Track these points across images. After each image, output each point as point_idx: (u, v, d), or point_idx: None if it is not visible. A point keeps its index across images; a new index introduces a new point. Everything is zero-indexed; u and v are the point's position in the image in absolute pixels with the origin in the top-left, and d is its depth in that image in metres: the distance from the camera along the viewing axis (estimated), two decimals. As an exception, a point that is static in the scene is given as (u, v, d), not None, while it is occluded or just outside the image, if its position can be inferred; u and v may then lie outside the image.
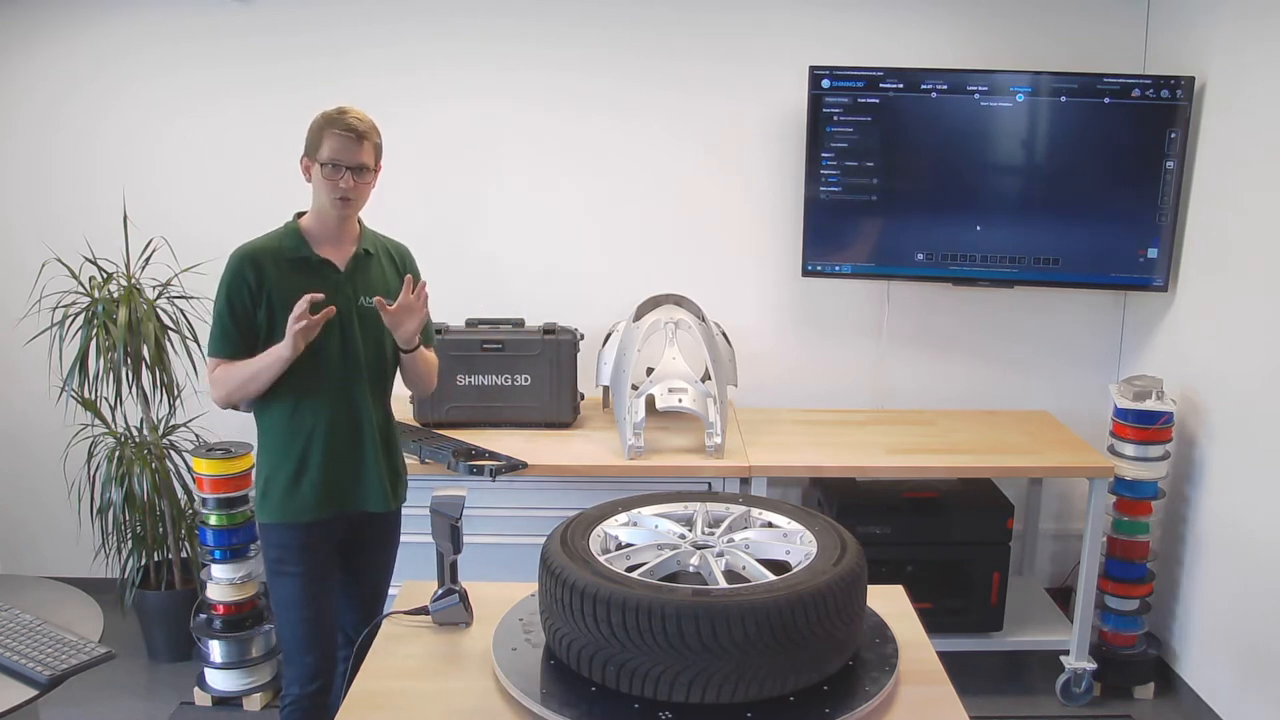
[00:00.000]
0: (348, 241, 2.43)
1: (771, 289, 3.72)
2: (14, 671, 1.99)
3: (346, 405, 2.40)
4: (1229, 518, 3.11)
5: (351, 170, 2.31)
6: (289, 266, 2.35)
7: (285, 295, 2.31)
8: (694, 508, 2.02)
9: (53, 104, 3.59)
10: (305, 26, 3.53)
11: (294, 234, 2.39)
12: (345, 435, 2.40)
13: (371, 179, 2.37)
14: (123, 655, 2.67)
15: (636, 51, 3.56)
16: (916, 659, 1.86)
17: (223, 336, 2.35)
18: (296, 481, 2.38)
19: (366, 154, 2.33)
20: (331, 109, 2.34)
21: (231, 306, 2.33)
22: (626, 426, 3.10)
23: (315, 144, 2.33)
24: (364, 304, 2.41)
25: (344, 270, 2.39)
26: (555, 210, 3.68)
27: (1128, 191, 3.36)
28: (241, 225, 3.61)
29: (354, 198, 2.35)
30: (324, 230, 2.40)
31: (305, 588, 2.40)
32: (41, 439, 3.67)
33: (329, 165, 2.30)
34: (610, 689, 1.66)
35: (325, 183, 2.32)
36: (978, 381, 3.78)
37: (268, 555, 2.44)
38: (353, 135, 2.30)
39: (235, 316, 2.33)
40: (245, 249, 2.37)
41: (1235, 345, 3.10)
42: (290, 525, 2.38)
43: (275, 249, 2.36)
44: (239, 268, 2.33)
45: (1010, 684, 3.44)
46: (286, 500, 2.38)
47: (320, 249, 2.39)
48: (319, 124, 2.33)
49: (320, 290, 2.30)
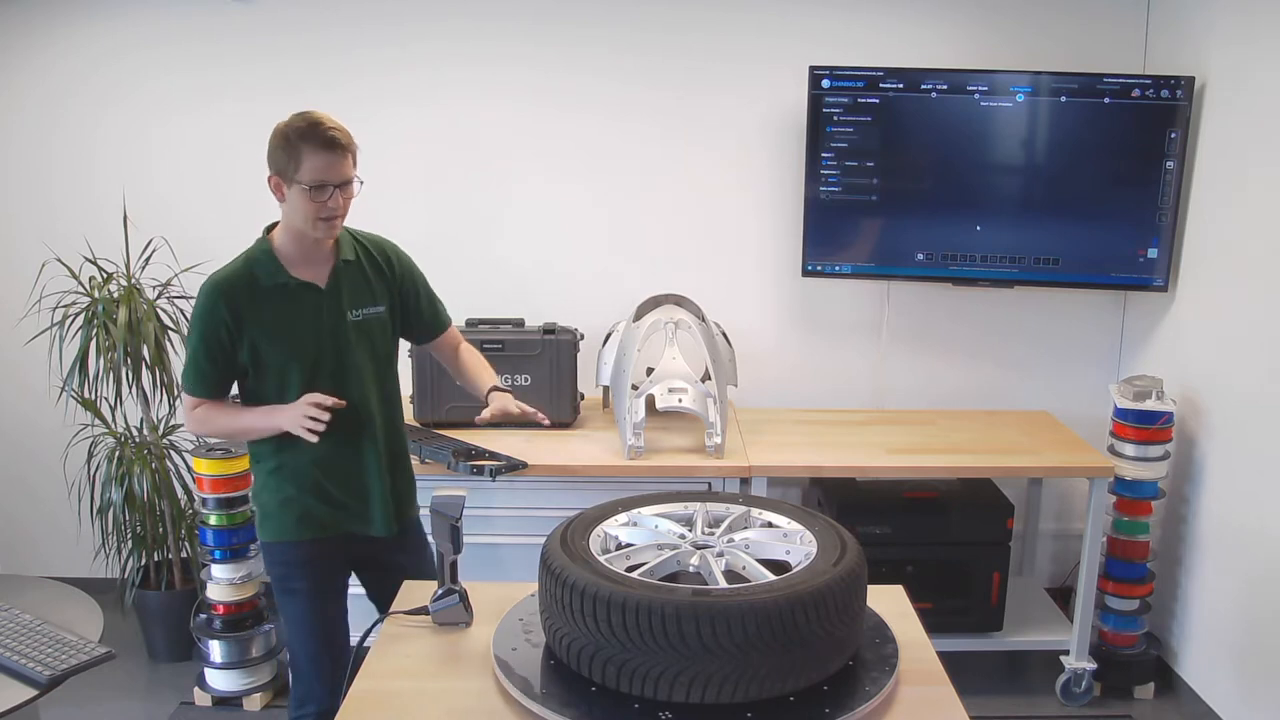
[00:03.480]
0: (325, 255, 2.24)
1: (771, 289, 3.72)
2: (14, 671, 1.99)
3: (348, 428, 2.26)
4: (1229, 518, 3.11)
5: (339, 187, 2.12)
6: (266, 296, 2.18)
7: (267, 329, 2.18)
8: (694, 508, 2.02)
9: (53, 104, 3.59)
10: (305, 26, 3.53)
11: (267, 258, 2.20)
12: (346, 457, 2.29)
13: (356, 189, 2.19)
14: (123, 655, 2.67)
15: (636, 51, 3.56)
16: (916, 659, 1.86)
17: (198, 376, 2.21)
18: (295, 503, 2.29)
19: (349, 166, 2.14)
20: (297, 119, 2.11)
21: (207, 345, 2.17)
22: (626, 426, 3.10)
23: (287, 161, 2.10)
24: (354, 318, 2.26)
25: (325, 289, 2.23)
26: (555, 210, 3.68)
27: (1128, 191, 3.36)
28: (241, 225, 3.63)
29: (343, 215, 2.17)
30: (300, 250, 2.21)
31: (311, 603, 2.33)
32: (41, 439, 3.67)
33: (313, 186, 2.09)
34: (610, 689, 1.66)
35: (310, 204, 2.11)
36: (978, 381, 3.78)
37: (272, 573, 2.35)
38: (336, 148, 2.10)
39: (211, 356, 2.18)
40: (217, 281, 2.18)
41: (1235, 345, 3.10)
42: (292, 543, 2.31)
43: (249, 277, 2.18)
44: (212, 304, 2.15)
45: (1010, 684, 3.44)
46: (286, 521, 2.30)
47: (296, 269, 2.21)
48: (289, 139, 2.09)
49: (306, 317, 2.19)
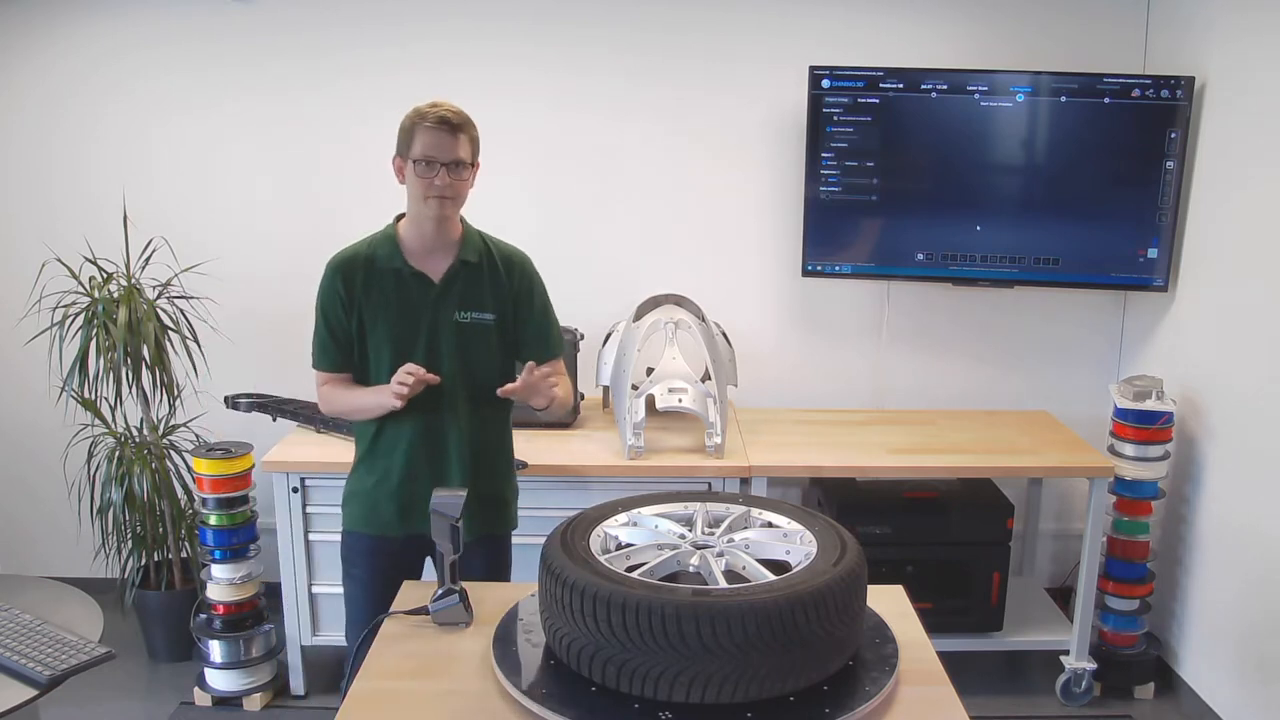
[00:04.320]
0: (446, 249, 2.29)
1: (771, 289, 3.72)
2: (14, 671, 1.99)
3: (432, 427, 2.30)
4: (1229, 518, 3.11)
5: (446, 166, 2.18)
6: (380, 278, 2.25)
7: (375, 310, 2.25)
8: (694, 508, 2.02)
9: (53, 104, 3.59)
10: (305, 26, 3.53)
11: (389, 241, 2.28)
12: (428, 457, 2.32)
13: (469, 175, 2.24)
14: (123, 655, 2.67)
15: (636, 51, 3.56)
16: (916, 659, 1.86)
17: (321, 350, 2.31)
18: (374, 496, 2.35)
19: (463, 148, 2.19)
20: (424, 103, 2.21)
21: (326, 319, 2.28)
22: (626, 426, 3.10)
23: (406, 141, 2.20)
24: (460, 319, 2.28)
25: (439, 283, 2.27)
26: (555, 210, 3.67)
27: (1128, 191, 3.36)
28: (241, 225, 3.66)
29: (451, 195, 2.21)
30: (420, 237, 2.27)
31: (367, 592, 2.37)
32: (41, 439, 3.67)
33: (422, 162, 2.17)
34: (610, 689, 1.66)
35: (419, 181, 2.19)
36: (978, 381, 3.78)
37: (341, 555, 2.43)
38: (446, 128, 2.16)
39: (331, 329, 2.28)
40: (338, 258, 2.28)
41: (1235, 345, 3.10)
42: (359, 534, 2.37)
43: (367, 258, 2.26)
44: (331, 279, 2.26)
45: (1010, 684, 3.44)
46: (361, 511, 2.37)
47: (415, 259, 2.27)
48: (410, 119, 2.20)
49: (411, 306, 2.23)
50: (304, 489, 3.10)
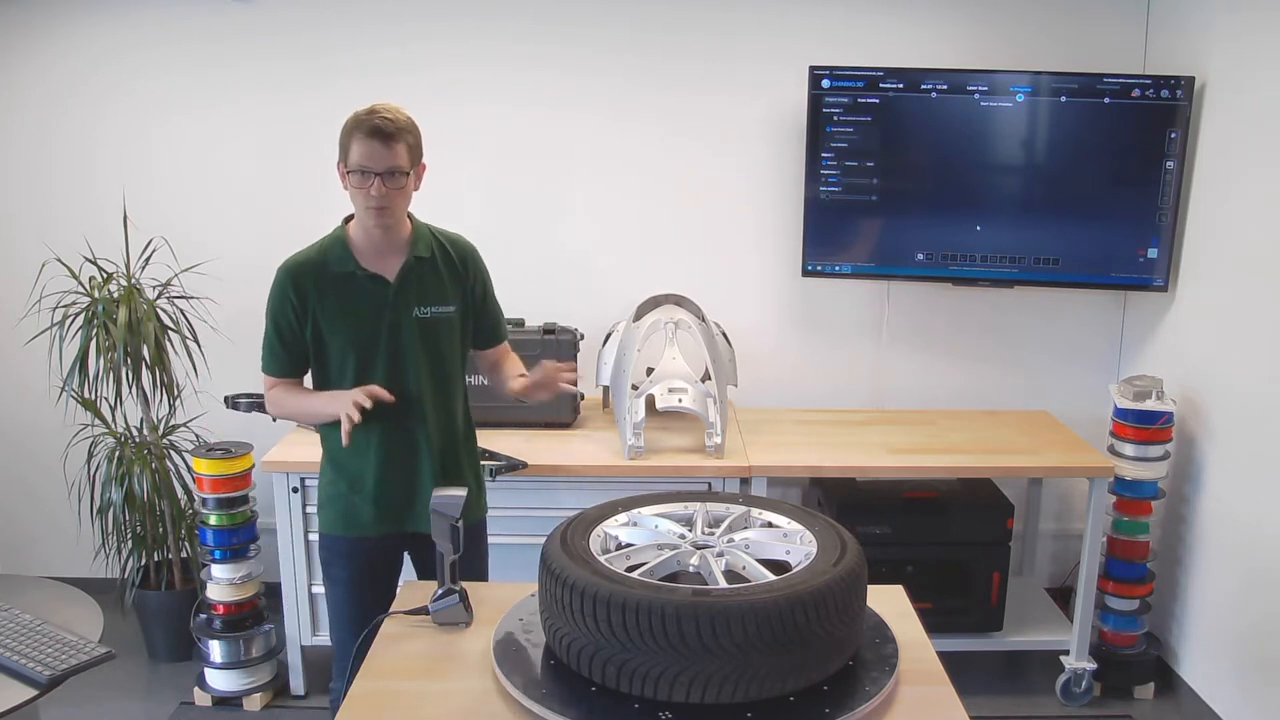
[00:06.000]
0: (397, 249, 2.27)
1: (771, 289, 3.72)
2: (14, 671, 1.99)
3: (401, 426, 2.30)
4: (1229, 518, 3.11)
5: (381, 176, 2.14)
6: (333, 283, 2.24)
7: (332, 316, 2.24)
8: (694, 508, 2.02)
9: (52, 104, 3.59)
10: (305, 26, 3.53)
11: (339, 245, 2.26)
12: (400, 456, 2.33)
13: (407, 183, 2.20)
14: (123, 655, 2.67)
15: (636, 51, 3.56)
16: (916, 659, 1.86)
17: (271, 356, 2.30)
18: (350, 498, 2.35)
19: (398, 157, 2.15)
20: (363, 108, 2.17)
21: (277, 325, 2.26)
22: (626, 426, 3.10)
23: (345, 148, 2.17)
24: (420, 315, 2.28)
25: (394, 283, 2.26)
26: (555, 210, 3.67)
27: (1128, 191, 3.35)
28: (241, 225, 3.66)
29: (388, 205, 2.18)
30: (368, 239, 2.25)
31: (350, 593, 2.38)
32: (41, 439, 3.67)
33: (357, 172, 2.15)
34: (610, 689, 1.66)
35: (354, 192, 2.18)
36: (978, 381, 3.78)
37: (320, 558, 2.44)
38: (379, 138, 2.12)
39: (281, 336, 2.27)
40: (289, 264, 2.26)
41: (1235, 345, 3.09)
42: (337, 536, 2.38)
43: (319, 263, 2.25)
44: (282, 285, 2.24)
45: (1010, 684, 3.44)
46: (339, 514, 2.37)
47: (367, 260, 2.25)
48: (348, 126, 2.17)
49: (368, 306, 2.23)
50: (304, 489, 3.10)
